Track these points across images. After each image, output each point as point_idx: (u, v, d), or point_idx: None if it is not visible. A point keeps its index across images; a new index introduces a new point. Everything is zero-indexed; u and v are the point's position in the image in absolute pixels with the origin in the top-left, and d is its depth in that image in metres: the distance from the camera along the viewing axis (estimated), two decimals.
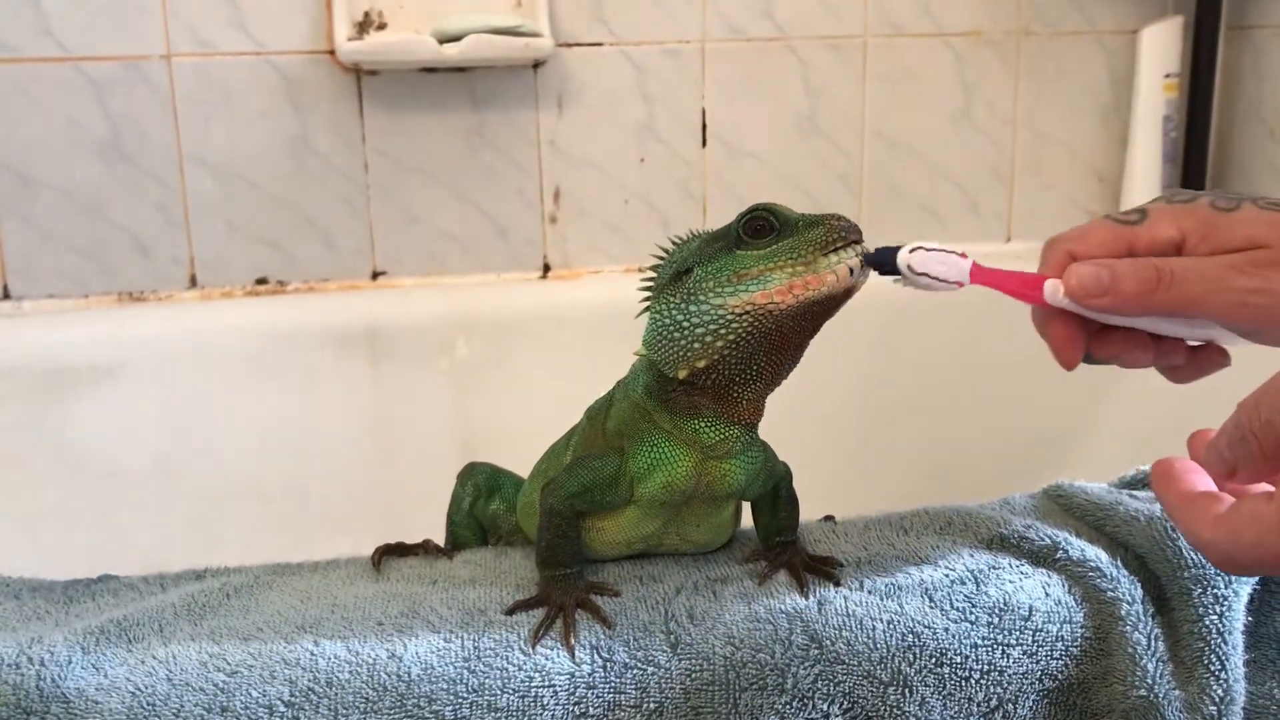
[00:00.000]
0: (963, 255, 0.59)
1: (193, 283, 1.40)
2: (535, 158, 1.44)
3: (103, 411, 1.30)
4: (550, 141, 1.44)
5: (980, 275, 0.59)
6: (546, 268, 1.48)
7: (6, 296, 1.36)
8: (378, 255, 1.43)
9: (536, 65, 1.41)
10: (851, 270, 0.58)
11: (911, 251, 0.58)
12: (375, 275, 1.44)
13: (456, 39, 1.32)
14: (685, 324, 0.60)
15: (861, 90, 1.49)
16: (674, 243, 0.65)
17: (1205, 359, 0.61)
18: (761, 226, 0.59)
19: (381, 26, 1.38)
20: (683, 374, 0.61)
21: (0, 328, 1.32)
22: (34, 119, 1.32)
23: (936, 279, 0.59)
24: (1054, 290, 0.58)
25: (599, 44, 1.42)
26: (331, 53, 1.36)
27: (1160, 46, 1.48)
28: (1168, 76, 1.48)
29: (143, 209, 1.37)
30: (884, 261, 0.59)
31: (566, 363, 1.42)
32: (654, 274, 0.64)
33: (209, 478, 1.33)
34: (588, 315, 1.43)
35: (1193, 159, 1.51)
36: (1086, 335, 0.60)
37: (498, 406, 1.40)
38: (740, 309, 0.59)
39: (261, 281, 1.42)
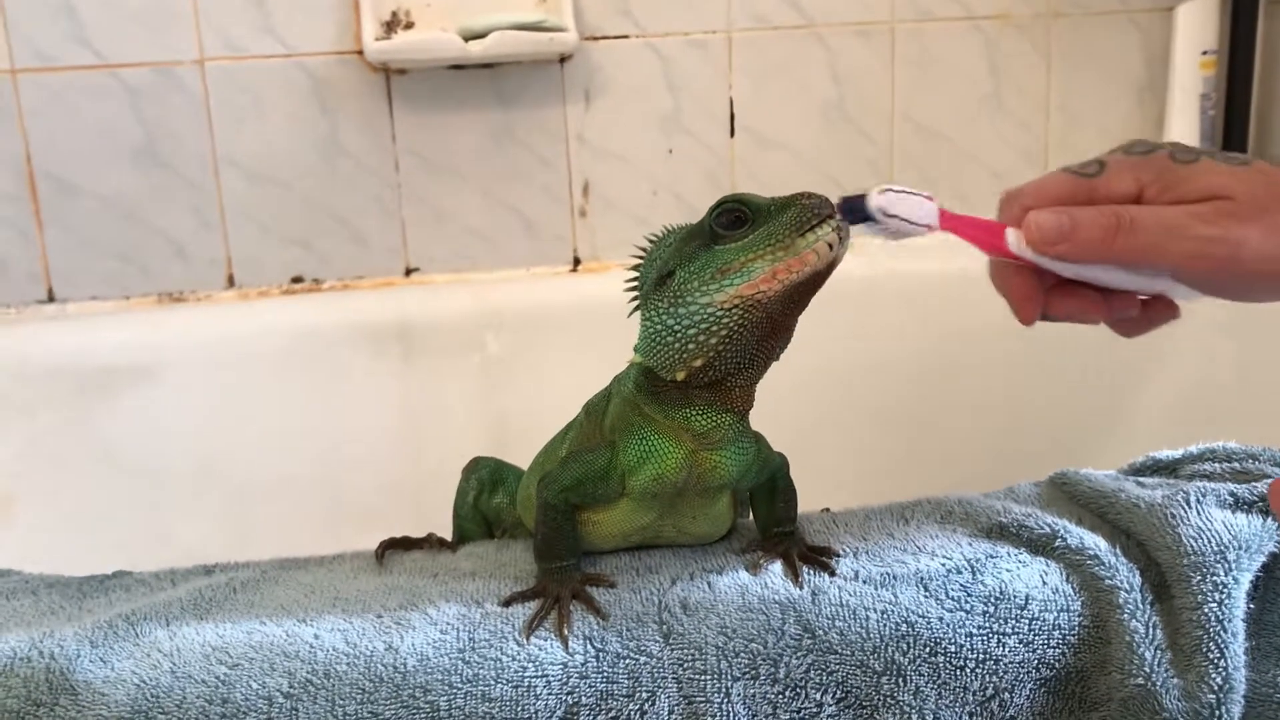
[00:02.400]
0: (930, 197, 0.58)
1: (230, 283, 1.43)
2: (563, 152, 1.45)
3: (144, 410, 1.33)
4: (578, 135, 1.45)
5: (947, 221, 0.58)
6: (576, 261, 1.49)
7: (51, 299, 1.40)
8: (410, 252, 1.45)
9: (563, 60, 1.42)
10: (831, 245, 0.58)
11: (881, 193, 0.57)
12: (408, 272, 1.46)
13: (481, 36, 1.33)
14: (677, 328, 0.60)
15: (890, 76, 1.48)
16: (651, 240, 0.65)
17: (1155, 313, 0.60)
18: (736, 218, 0.59)
19: (409, 26, 1.39)
20: (681, 376, 0.61)
21: (45, 330, 1.35)
22: (72, 126, 1.35)
23: (908, 221, 0.58)
24: (1017, 239, 0.57)
25: (624, 36, 1.43)
26: (359, 53, 1.38)
27: (1196, 23, 1.45)
28: (1205, 54, 1.45)
29: (179, 212, 1.40)
30: (855, 209, 0.58)
31: (597, 355, 1.41)
32: (637, 274, 0.65)
33: (247, 475, 1.36)
34: (618, 308, 1.41)
35: (1232, 138, 1.48)
36: (1043, 292, 0.59)
37: (529, 400, 1.41)
38: (729, 304, 0.59)
39: (297, 280, 1.44)
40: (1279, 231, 0.54)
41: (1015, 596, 0.62)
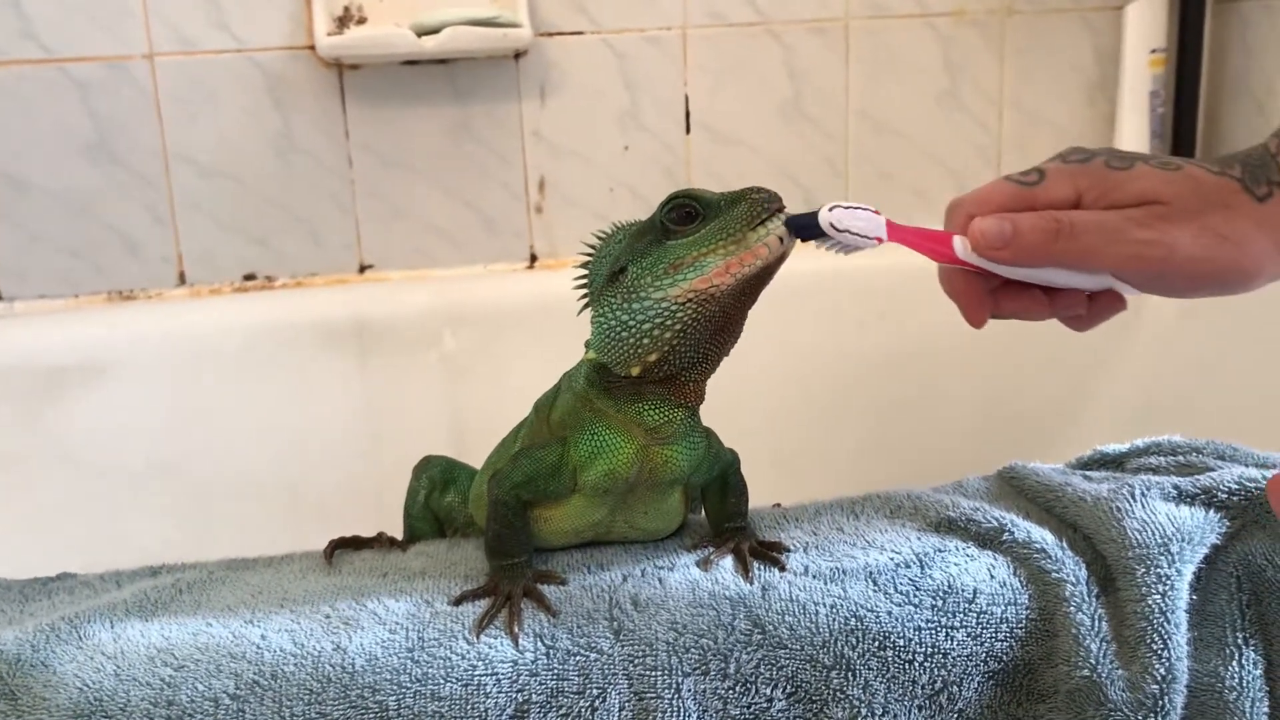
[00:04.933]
0: (876, 211, 0.59)
1: (181, 280, 1.41)
2: (519, 148, 1.45)
3: (95, 410, 1.32)
4: (534, 132, 1.44)
5: (895, 232, 0.60)
6: (533, 258, 1.48)
7: None
8: (364, 249, 1.44)
9: (518, 56, 1.41)
10: (781, 239, 0.59)
11: (830, 210, 0.58)
12: (362, 269, 1.45)
13: (435, 31, 1.32)
14: (631, 323, 0.61)
15: (845, 73, 1.49)
16: (599, 238, 0.65)
17: (1103, 306, 0.62)
18: (687, 213, 0.60)
19: (361, 21, 1.38)
20: (635, 371, 0.62)
21: None
22: (20, 121, 1.33)
23: (857, 235, 0.59)
24: (963, 246, 0.59)
25: (580, 33, 1.42)
26: (312, 48, 1.37)
27: (1146, 22, 1.47)
28: (1154, 52, 1.47)
29: (130, 208, 1.38)
30: (806, 225, 0.59)
31: (555, 352, 1.40)
32: (585, 271, 0.65)
33: (202, 474, 1.34)
34: (575, 305, 1.43)
35: (1181, 135, 1.49)
36: (990, 293, 0.61)
37: (487, 397, 1.41)
38: (683, 298, 0.60)
39: (250, 278, 1.43)
40: (1208, 233, 0.57)
41: (963, 590, 0.63)
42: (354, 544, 0.72)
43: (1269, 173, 0.59)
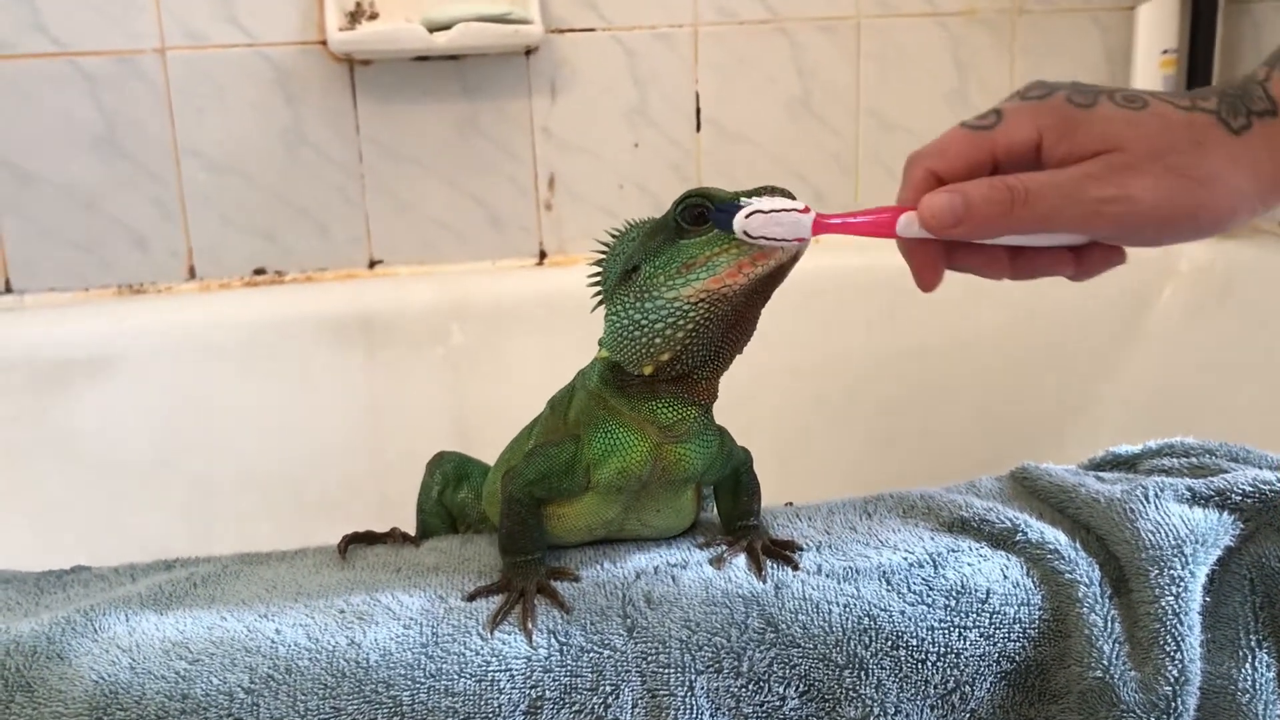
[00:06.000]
0: (805, 210, 0.57)
1: (191, 274, 1.41)
2: (529, 144, 1.45)
3: (103, 403, 1.32)
4: (544, 128, 1.44)
5: (826, 228, 0.57)
6: (542, 254, 1.48)
7: (8, 290, 1.38)
8: (374, 244, 1.44)
9: (528, 52, 1.41)
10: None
11: (747, 216, 0.57)
12: (372, 264, 1.45)
13: (446, 27, 1.32)
14: (643, 322, 0.61)
15: (855, 71, 1.49)
16: (613, 235, 0.65)
17: (1098, 259, 0.59)
18: (700, 213, 0.60)
19: (373, 16, 1.38)
20: (648, 370, 0.61)
21: (2, 321, 1.33)
22: (30, 115, 1.33)
23: (775, 240, 0.57)
24: (909, 224, 0.57)
25: (590, 29, 1.42)
26: (323, 43, 1.37)
27: (1157, 23, 1.46)
28: (1165, 53, 1.47)
29: (139, 202, 1.38)
30: (724, 223, 0.58)
31: (562, 349, 1.40)
32: (600, 269, 0.65)
33: (208, 467, 1.34)
34: (583, 301, 1.42)
35: None
36: (943, 254, 0.59)
37: (494, 394, 1.41)
38: (695, 298, 0.59)
39: (259, 272, 1.43)
40: (1172, 175, 0.54)
41: (976, 590, 0.63)
42: (367, 539, 0.72)
43: (1249, 102, 0.55)
